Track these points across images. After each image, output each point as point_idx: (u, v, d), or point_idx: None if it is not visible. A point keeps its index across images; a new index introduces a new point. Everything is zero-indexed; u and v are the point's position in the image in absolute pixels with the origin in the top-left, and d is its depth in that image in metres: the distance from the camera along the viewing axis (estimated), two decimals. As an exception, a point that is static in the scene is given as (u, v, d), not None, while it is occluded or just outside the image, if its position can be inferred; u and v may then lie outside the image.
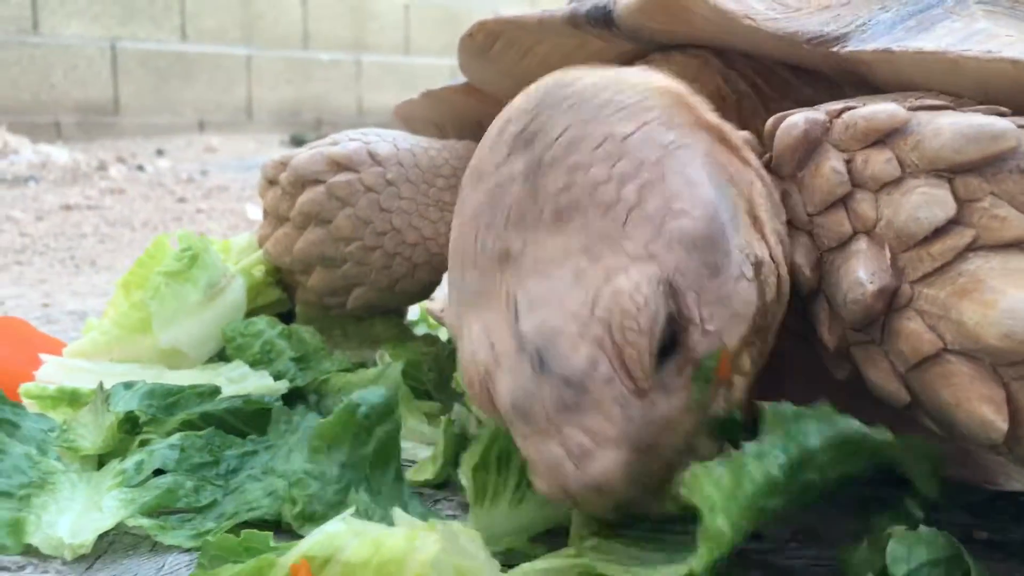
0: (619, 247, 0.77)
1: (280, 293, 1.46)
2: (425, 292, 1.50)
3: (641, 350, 0.75)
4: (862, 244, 0.80)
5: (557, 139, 0.83)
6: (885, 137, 0.81)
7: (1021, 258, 0.73)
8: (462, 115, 1.54)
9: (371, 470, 0.97)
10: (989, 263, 0.74)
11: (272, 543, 0.81)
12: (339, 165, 1.38)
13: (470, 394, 0.85)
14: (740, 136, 0.92)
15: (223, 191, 4.67)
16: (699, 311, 0.78)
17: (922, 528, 0.82)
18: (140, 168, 5.28)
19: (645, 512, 0.80)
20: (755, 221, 0.87)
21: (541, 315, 0.76)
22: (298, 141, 6.64)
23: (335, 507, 0.93)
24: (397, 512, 0.80)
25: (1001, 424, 0.74)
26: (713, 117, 0.91)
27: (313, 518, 0.92)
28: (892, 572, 0.79)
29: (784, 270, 0.87)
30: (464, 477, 0.94)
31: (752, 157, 0.90)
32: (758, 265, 0.84)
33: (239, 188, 4.73)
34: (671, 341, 0.77)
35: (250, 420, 1.14)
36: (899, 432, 0.83)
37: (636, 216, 0.79)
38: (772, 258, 0.86)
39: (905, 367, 0.79)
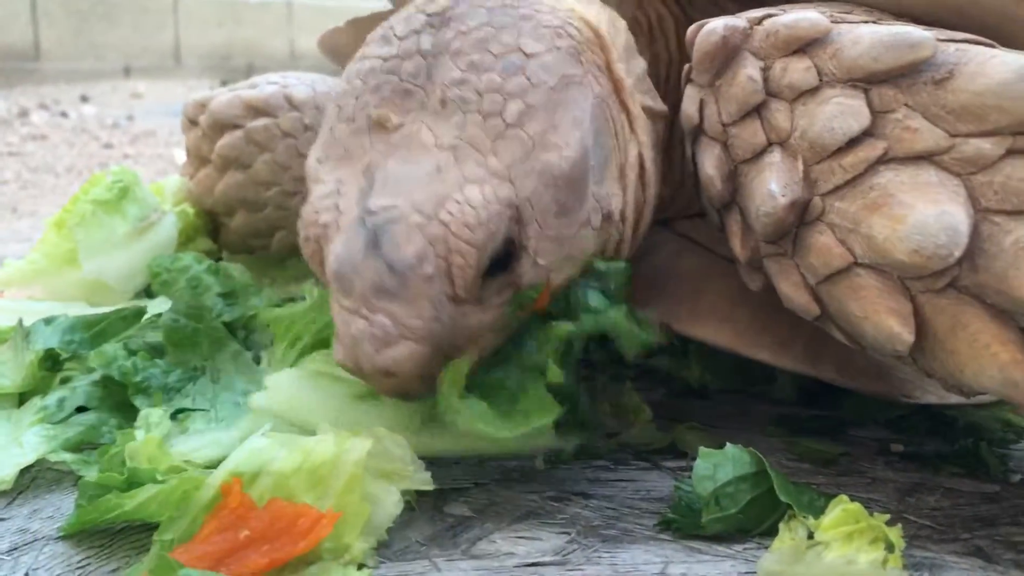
0: (484, 159, 0.81)
1: (210, 244, 1.44)
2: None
3: (469, 262, 0.78)
4: (776, 156, 0.81)
5: (469, 32, 0.85)
6: (806, 46, 0.81)
7: (931, 171, 0.74)
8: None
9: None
10: (899, 176, 0.75)
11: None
12: (256, 110, 1.38)
13: (303, 247, 0.86)
14: (639, 76, 0.96)
15: (150, 136, 4.55)
16: (536, 244, 0.82)
17: (728, 446, 0.86)
18: (63, 115, 5.11)
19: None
20: (622, 176, 0.92)
21: (391, 197, 0.79)
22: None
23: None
24: (321, 423, 0.83)
25: (908, 336, 0.75)
26: (620, 68, 0.94)
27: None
28: (698, 490, 0.83)
29: (628, 238, 0.94)
30: None
31: (640, 124, 0.95)
32: (607, 217, 0.89)
33: (167, 133, 4.61)
34: (502, 262, 0.81)
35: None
36: None
37: (511, 135, 0.82)
38: (623, 220, 0.92)
39: (816, 280, 0.80)
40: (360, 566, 0.76)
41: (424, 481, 0.84)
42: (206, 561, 0.71)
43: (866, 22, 0.82)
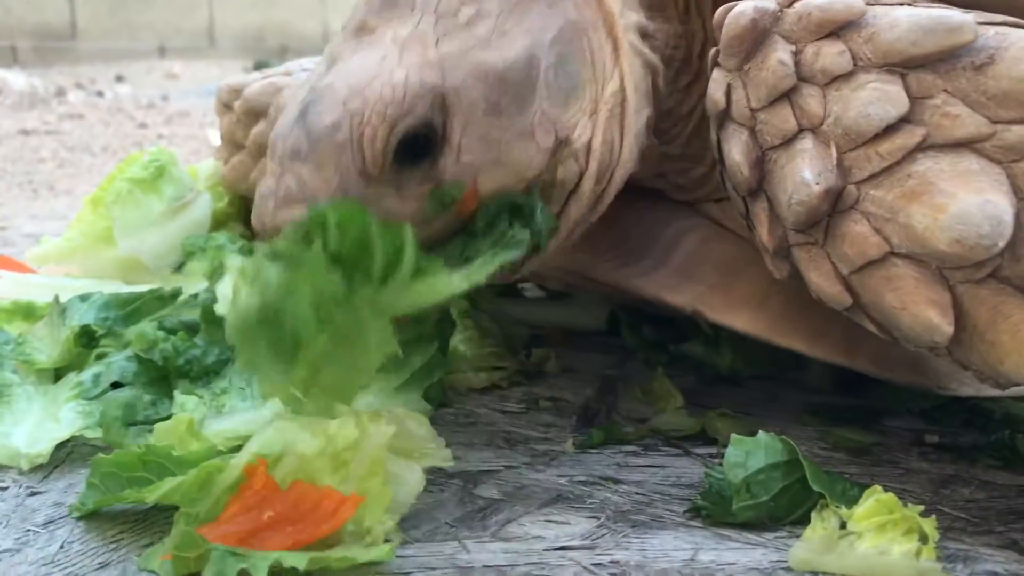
0: (424, 51, 0.84)
1: (242, 229, 1.45)
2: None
3: (379, 135, 0.80)
4: (808, 142, 0.79)
5: None
6: (839, 29, 0.79)
7: (971, 158, 0.72)
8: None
9: None
10: (939, 164, 0.73)
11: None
12: None
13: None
14: (632, 25, 0.96)
15: (185, 117, 4.58)
16: (460, 138, 0.83)
17: (761, 434, 0.85)
18: (99, 94, 5.16)
19: None
20: (595, 111, 0.92)
21: (333, 78, 0.83)
22: (262, 68, 6.51)
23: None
24: (340, 405, 0.81)
25: (947, 327, 0.74)
26: (615, 4, 0.94)
27: None
28: (729, 477, 0.83)
29: (592, 174, 0.92)
30: None
31: (627, 60, 0.94)
32: (565, 142, 0.89)
33: (201, 114, 4.64)
34: (423, 150, 0.82)
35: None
36: None
37: (455, 33, 0.85)
38: (588, 152, 0.92)
39: (849, 269, 0.78)
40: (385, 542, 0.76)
41: (445, 458, 0.84)
42: (230, 539, 0.72)
43: (902, 4, 0.80)
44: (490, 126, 0.84)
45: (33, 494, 0.88)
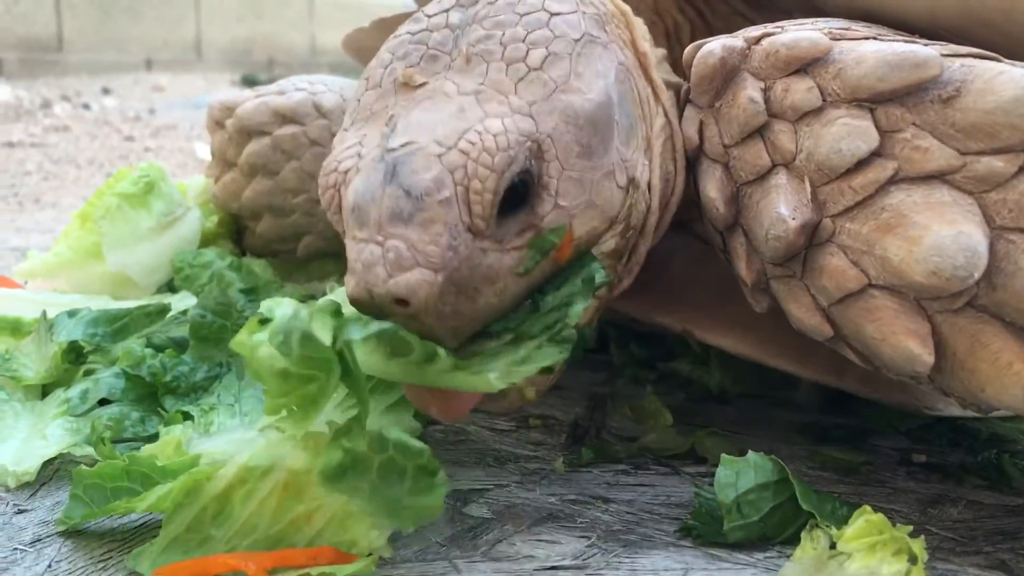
0: (506, 99, 0.81)
1: (232, 247, 1.44)
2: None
3: (487, 187, 0.76)
4: (782, 178, 0.79)
5: (496, 2, 0.86)
6: (807, 66, 0.80)
7: (943, 190, 0.73)
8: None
9: None
10: (911, 196, 0.73)
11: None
12: (284, 118, 1.36)
13: (323, 198, 0.85)
14: (659, 59, 0.96)
15: (171, 130, 4.57)
16: (557, 182, 0.81)
17: (751, 453, 0.85)
18: (86, 106, 5.14)
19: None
20: (648, 146, 0.91)
21: (412, 135, 0.78)
22: (249, 82, 6.50)
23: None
24: (331, 421, 0.80)
25: (927, 357, 0.74)
26: (646, 46, 0.94)
27: None
28: (720, 497, 0.83)
29: (655, 209, 0.92)
30: None
31: (665, 96, 0.94)
32: (632, 182, 0.88)
33: (188, 127, 4.62)
34: (521, 199, 0.80)
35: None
36: None
37: (533, 77, 0.82)
38: (650, 189, 0.91)
39: (828, 301, 0.79)
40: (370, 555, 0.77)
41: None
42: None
43: (867, 38, 0.81)
44: (583, 168, 0.82)
45: (20, 512, 0.87)
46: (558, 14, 0.86)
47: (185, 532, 0.76)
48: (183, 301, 1.25)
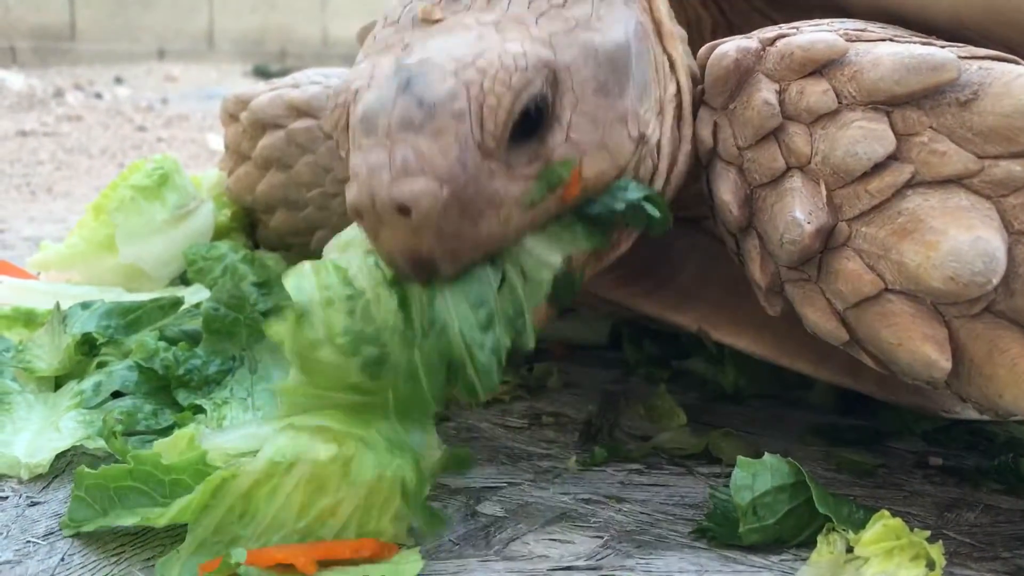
0: (526, 29, 0.79)
1: (245, 240, 1.44)
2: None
3: (502, 104, 0.75)
4: (797, 181, 0.78)
5: None
6: (822, 68, 0.79)
7: (961, 194, 0.72)
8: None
9: None
10: (928, 201, 0.73)
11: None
12: (299, 111, 1.35)
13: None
14: (677, 32, 0.94)
15: (184, 120, 4.57)
16: (571, 115, 0.79)
17: (767, 455, 0.84)
18: (98, 96, 5.15)
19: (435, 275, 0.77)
20: (660, 111, 0.89)
21: (428, 53, 0.77)
22: (262, 72, 6.50)
23: None
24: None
25: (945, 363, 0.73)
26: (664, 16, 0.92)
27: None
28: (736, 500, 0.82)
29: (662, 172, 0.89)
30: None
31: (683, 69, 0.92)
32: (643, 137, 0.85)
33: (200, 118, 4.63)
34: (533, 127, 0.78)
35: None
36: None
37: (555, 13, 0.81)
38: (659, 150, 0.88)
39: (844, 306, 0.78)
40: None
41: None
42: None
43: (883, 40, 0.80)
44: (597, 106, 0.80)
45: (33, 504, 0.87)
46: None
47: (213, 534, 0.75)
48: (196, 294, 1.25)
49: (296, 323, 0.76)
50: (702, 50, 0.87)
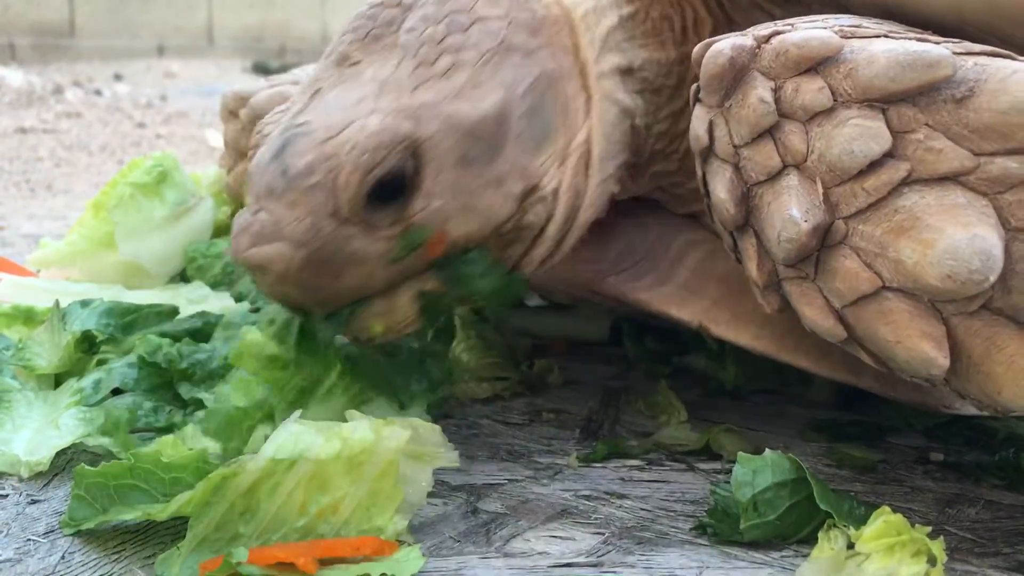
0: (401, 97, 0.86)
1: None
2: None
3: (351, 181, 0.82)
4: (793, 179, 0.78)
5: None
6: (817, 65, 0.78)
7: (957, 192, 0.72)
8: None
9: None
10: (925, 198, 0.72)
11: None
12: None
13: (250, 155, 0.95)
14: (629, 65, 0.99)
15: (183, 117, 4.57)
16: (431, 185, 0.86)
17: (768, 451, 0.84)
18: (98, 92, 5.14)
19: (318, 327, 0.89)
20: (564, 160, 0.93)
21: (311, 116, 0.86)
22: (261, 68, 6.50)
23: None
24: (351, 411, 0.83)
25: (943, 360, 0.73)
26: (588, 53, 0.95)
27: None
28: (737, 496, 0.82)
29: (558, 218, 0.94)
30: None
31: (599, 108, 0.95)
32: (530, 191, 0.91)
33: (199, 114, 4.63)
34: (397, 192, 0.84)
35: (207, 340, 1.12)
36: None
37: (433, 83, 0.87)
38: (556, 198, 0.93)
39: (842, 303, 0.77)
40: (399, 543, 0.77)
41: (452, 460, 0.85)
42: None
43: (878, 36, 0.79)
44: (460, 176, 0.86)
45: (33, 502, 0.88)
46: (481, 19, 0.90)
47: (214, 531, 0.75)
48: (195, 291, 1.25)
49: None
50: (697, 48, 0.87)
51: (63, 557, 0.78)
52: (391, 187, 0.84)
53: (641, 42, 1.02)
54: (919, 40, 0.77)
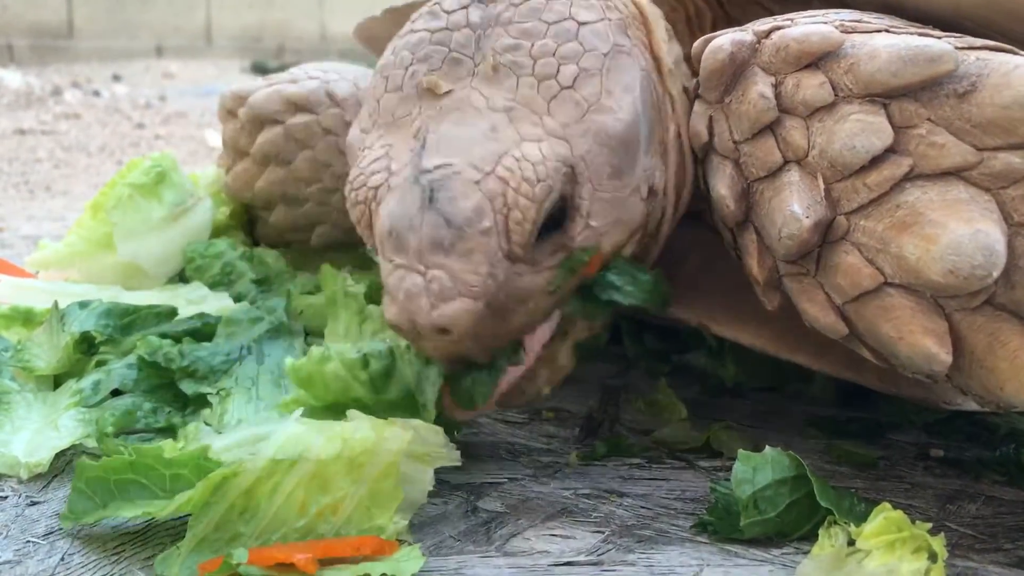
0: (540, 119, 0.82)
1: (244, 236, 1.44)
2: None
3: (527, 217, 0.78)
4: (794, 175, 0.78)
5: (520, 4, 0.86)
6: (818, 60, 0.78)
7: (960, 187, 0.71)
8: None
9: None
10: (927, 194, 0.72)
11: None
12: (297, 106, 1.34)
13: (351, 212, 0.87)
14: (676, 59, 0.96)
15: (182, 117, 4.57)
16: (590, 204, 0.83)
17: (768, 449, 0.84)
18: (96, 93, 5.14)
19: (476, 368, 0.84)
20: (664, 151, 0.92)
21: (446, 155, 0.79)
22: (259, 68, 6.49)
23: None
24: (352, 411, 0.83)
25: (945, 356, 0.73)
26: (662, 47, 0.94)
27: None
28: (737, 493, 0.82)
29: (669, 216, 0.94)
30: None
31: (680, 102, 0.94)
32: (653, 191, 0.89)
33: (198, 114, 4.62)
34: (555, 222, 0.82)
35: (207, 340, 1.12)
36: None
37: (566, 96, 0.83)
38: (666, 193, 0.92)
39: (843, 300, 0.77)
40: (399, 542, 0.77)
41: (454, 459, 0.84)
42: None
43: (879, 31, 0.79)
44: (614, 188, 0.84)
45: (33, 504, 0.87)
46: (586, 24, 0.86)
47: (213, 531, 0.75)
48: (194, 292, 1.24)
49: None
50: (697, 44, 0.86)
51: (62, 559, 0.78)
52: (553, 216, 0.81)
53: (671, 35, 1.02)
54: (921, 35, 0.77)
